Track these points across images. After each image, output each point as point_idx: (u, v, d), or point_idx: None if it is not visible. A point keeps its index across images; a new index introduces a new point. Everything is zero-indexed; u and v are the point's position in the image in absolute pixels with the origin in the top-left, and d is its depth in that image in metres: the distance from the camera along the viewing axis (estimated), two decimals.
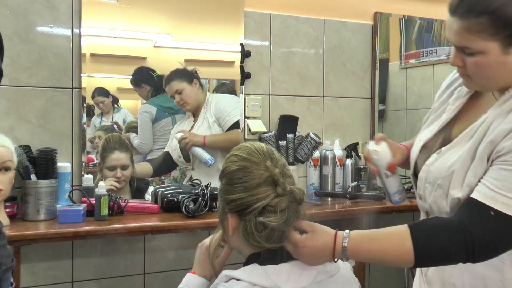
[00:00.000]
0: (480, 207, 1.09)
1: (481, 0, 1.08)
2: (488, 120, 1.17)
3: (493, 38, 1.09)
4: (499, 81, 1.17)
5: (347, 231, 1.13)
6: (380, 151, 1.37)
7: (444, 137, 1.29)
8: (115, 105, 2.40)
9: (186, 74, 2.50)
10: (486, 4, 1.07)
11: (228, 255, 1.23)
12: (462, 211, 1.13)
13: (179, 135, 2.47)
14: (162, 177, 2.50)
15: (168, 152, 2.51)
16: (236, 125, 2.54)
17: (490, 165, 1.13)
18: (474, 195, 1.12)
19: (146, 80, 2.43)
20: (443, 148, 1.26)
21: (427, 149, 1.31)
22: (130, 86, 2.43)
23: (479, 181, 1.14)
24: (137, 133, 2.44)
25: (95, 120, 2.34)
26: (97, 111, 2.34)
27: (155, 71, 2.44)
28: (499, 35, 1.08)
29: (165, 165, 2.51)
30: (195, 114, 2.56)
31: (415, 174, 1.35)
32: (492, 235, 1.09)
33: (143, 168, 2.47)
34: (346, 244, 1.10)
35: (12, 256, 1.16)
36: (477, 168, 1.14)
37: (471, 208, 1.11)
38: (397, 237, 1.11)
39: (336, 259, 1.13)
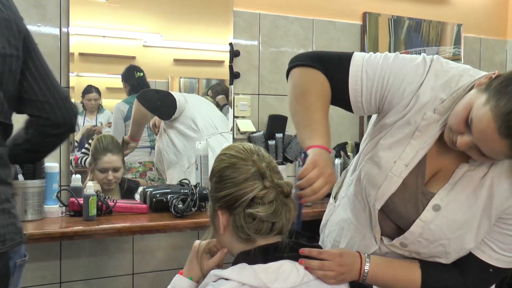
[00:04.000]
0: (482, 265, 1.25)
1: None
2: (488, 179, 1.19)
3: None
4: None
5: (366, 254, 1.27)
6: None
7: (419, 172, 1.23)
8: (101, 106, 2.39)
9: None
10: None
11: (220, 259, 1.20)
12: (465, 269, 1.26)
13: None
14: (137, 177, 2.50)
15: None
16: None
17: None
18: (480, 256, 1.25)
19: (128, 78, 2.42)
20: (438, 202, 1.21)
21: (403, 185, 1.23)
22: (120, 85, 2.42)
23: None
24: (109, 128, 2.43)
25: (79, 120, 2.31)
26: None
27: (140, 71, 2.42)
28: None
29: None
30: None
31: (383, 209, 1.27)
32: (487, 284, 1.30)
33: None
34: (368, 265, 1.24)
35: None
36: (488, 230, 1.23)
37: (473, 264, 1.25)
38: (409, 272, 1.27)
39: (359, 279, 1.23)
